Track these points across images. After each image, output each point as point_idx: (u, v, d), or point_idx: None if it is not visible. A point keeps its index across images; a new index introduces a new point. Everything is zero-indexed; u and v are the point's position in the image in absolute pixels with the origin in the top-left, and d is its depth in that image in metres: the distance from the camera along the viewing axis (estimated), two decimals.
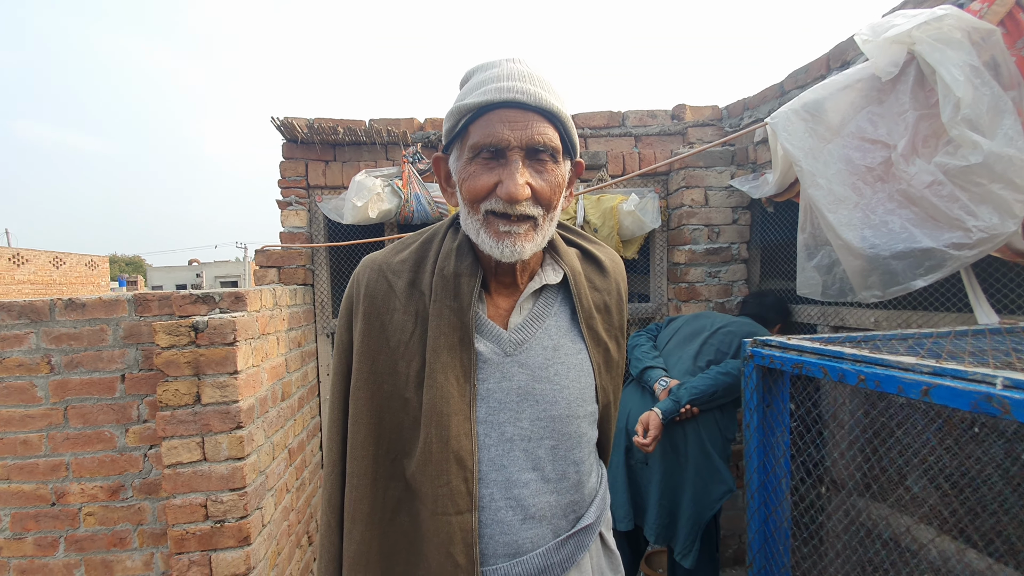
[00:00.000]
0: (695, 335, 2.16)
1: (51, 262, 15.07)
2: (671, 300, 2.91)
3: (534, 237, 0.76)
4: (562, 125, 0.75)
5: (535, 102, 0.71)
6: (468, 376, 0.78)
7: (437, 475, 0.75)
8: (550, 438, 0.80)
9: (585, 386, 0.84)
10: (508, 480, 0.78)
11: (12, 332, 1.88)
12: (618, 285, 0.94)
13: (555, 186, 0.76)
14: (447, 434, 0.75)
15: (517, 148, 0.72)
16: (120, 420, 1.91)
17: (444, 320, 0.78)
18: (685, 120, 2.87)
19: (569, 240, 0.94)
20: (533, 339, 0.82)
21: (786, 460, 0.93)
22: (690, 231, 2.69)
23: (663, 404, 1.87)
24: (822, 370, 0.80)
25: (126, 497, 1.92)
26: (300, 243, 2.61)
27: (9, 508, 1.87)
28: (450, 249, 0.83)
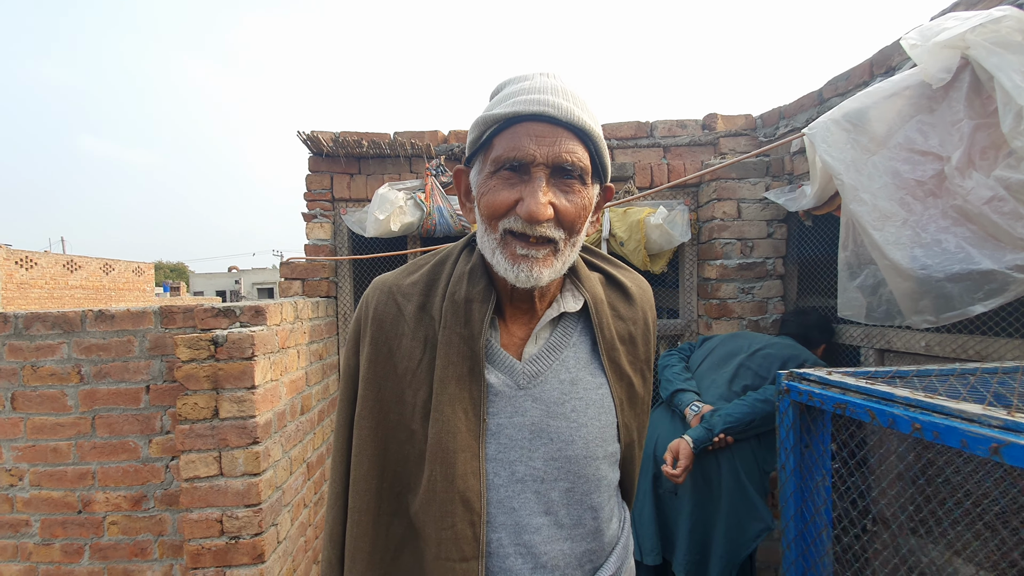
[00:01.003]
0: (730, 357, 2.04)
1: (101, 268, 15.85)
2: (701, 316, 2.79)
3: (553, 263, 0.70)
4: (594, 145, 0.69)
5: (566, 117, 0.66)
6: (477, 410, 0.72)
7: (441, 517, 0.70)
8: (565, 480, 0.74)
9: (606, 424, 0.77)
10: (518, 524, 0.72)
11: (46, 342, 1.93)
12: (645, 314, 0.86)
13: (580, 209, 0.70)
14: (453, 472, 0.70)
15: (543, 165, 0.67)
16: (144, 431, 1.94)
17: (453, 348, 0.73)
18: (717, 130, 2.77)
19: (592, 264, 0.87)
20: (549, 371, 0.76)
21: (827, 509, 0.84)
22: (722, 245, 2.58)
23: (695, 432, 1.76)
24: (869, 413, 0.71)
25: (148, 507, 1.93)
26: (324, 255, 2.62)
27: (39, 514, 1.91)
28: (463, 272, 0.77)
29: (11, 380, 1.90)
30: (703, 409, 1.85)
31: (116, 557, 1.92)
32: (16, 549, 1.89)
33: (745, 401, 1.80)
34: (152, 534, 1.92)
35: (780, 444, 0.92)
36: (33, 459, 1.90)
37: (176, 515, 1.92)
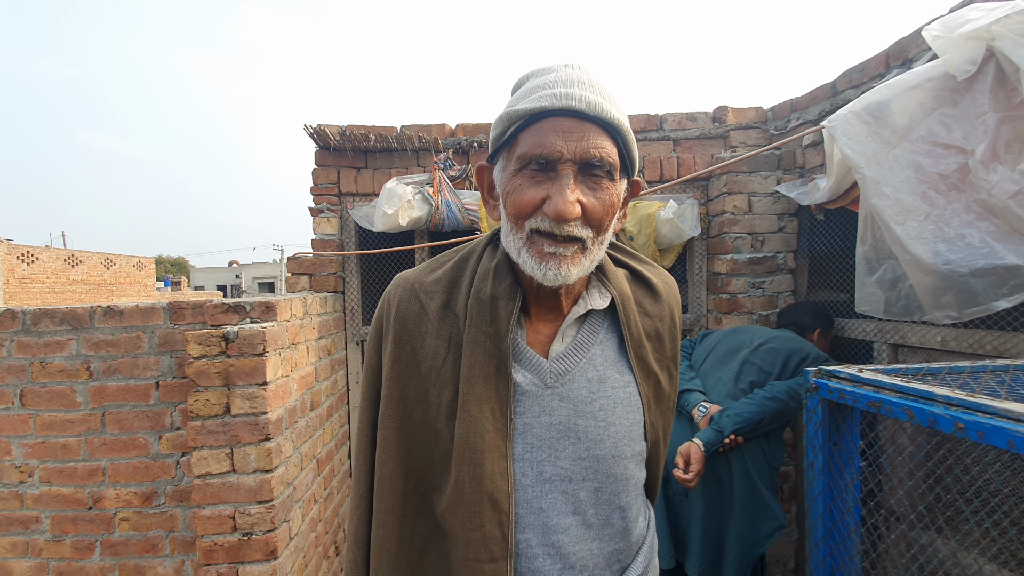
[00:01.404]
0: (734, 353, 2.02)
1: (103, 263, 15.83)
2: (711, 311, 2.78)
3: (581, 261, 0.69)
4: (622, 139, 0.67)
5: (594, 112, 0.64)
6: (504, 409, 0.71)
7: (469, 517, 0.69)
8: (593, 480, 0.73)
9: (633, 423, 0.76)
10: (546, 525, 0.71)
11: (55, 338, 1.92)
12: (672, 311, 0.85)
13: (608, 206, 0.68)
14: (480, 473, 0.69)
15: (570, 161, 0.64)
16: (154, 427, 1.93)
17: (479, 347, 0.72)
18: (727, 123, 2.74)
19: (618, 260, 0.86)
20: (576, 370, 0.75)
21: (857, 508, 0.83)
22: (732, 239, 2.56)
23: (704, 434, 1.74)
24: (907, 412, 0.70)
25: (159, 504, 1.93)
26: (331, 250, 2.61)
27: (50, 510, 1.91)
28: (488, 269, 0.76)
29: (20, 376, 1.89)
30: (711, 410, 1.83)
31: (127, 553, 1.92)
32: (27, 546, 1.89)
33: (753, 400, 1.78)
34: (163, 530, 1.92)
35: (808, 442, 0.91)
36: (43, 456, 1.90)
37: (187, 511, 1.91)
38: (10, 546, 1.88)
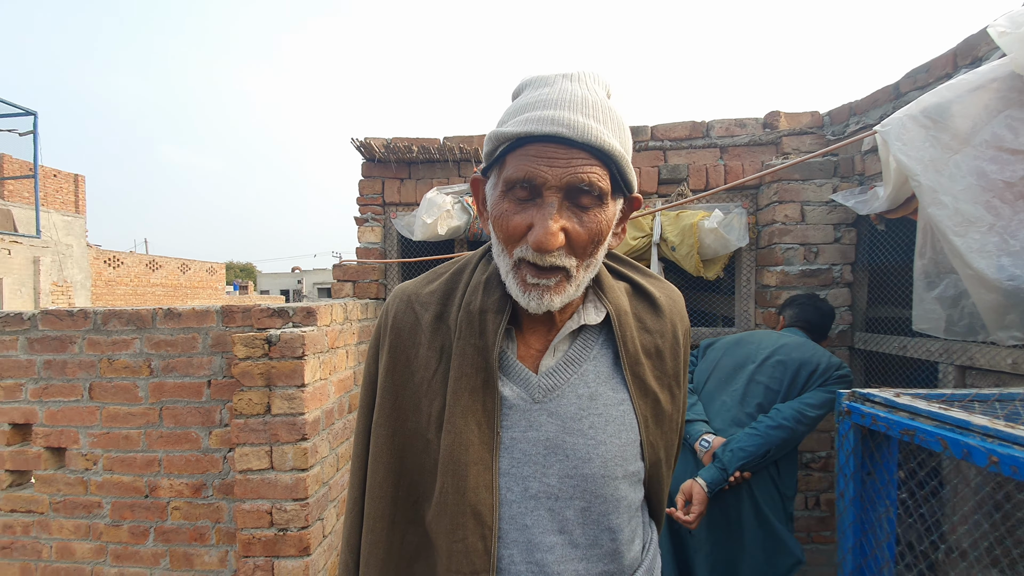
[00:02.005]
0: (738, 369, 1.84)
1: (179, 268, 17.09)
2: (759, 325, 2.65)
3: (566, 289, 0.68)
4: (615, 165, 0.64)
5: (582, 138, 0.61)
6: (491, 422, 0.70)
7: (452, 529, 0.69)
8: (580, 499, 0.71)
9: (627, 442, 0.73)
10: (530, 542, 0.70)
11: (121, 337, 2.08)
12: (674, 326, 0.81)
13: (596, 233, 0.66)
14: (464, 485, 0.69)
15: (555, 188, 0.62)
16: (205, 423, 2.05)
17: (467, 360, 0.71)
18: (779, 128, 2.62)
19: (618, 272, 0.83)
20: (566, 385, 0.73)
21: (890, 544, 0.75)
22: (783, 250, 2.44)
23: (708, 473, 1.62)
24: (940, 442, 0.63)
25: (207, 496, 2.04)
26: (374, 258, 2.69)
27: (110, 497, 2.06)
28: (479, 282, 0.76)
29: (89, 371, 2.06)
30: (714, 443, 1.69)
31: (178, 540, 2.04)
32: (88, 529, 2.05)
33: (757, 431, 1.64)
34: (210, 521, 2.03)
35: (839, 469, 0.84)
36: (107, 445, 2.05)
37: (231, 504, 2.01)
38: (74, 528, 2.05)
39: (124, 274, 14.95)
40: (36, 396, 2.08)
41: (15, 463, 2.09)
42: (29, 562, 2.09)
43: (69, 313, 2.09)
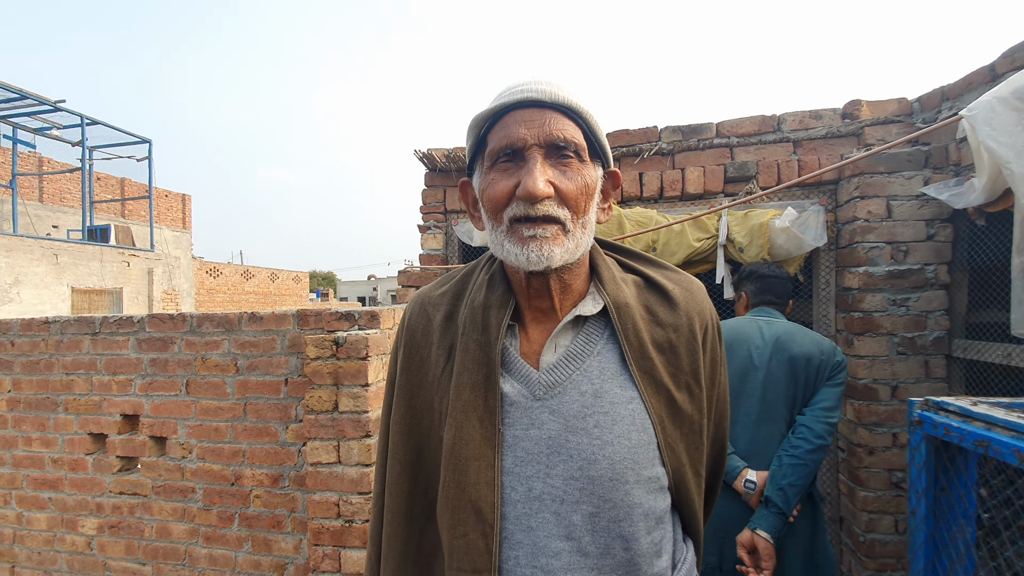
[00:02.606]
0: (742, 379, 1.69)
1: (269, 277, 18.52)
2: (840, 331, 2.46)
3: (564, 242, 0.68)
4: (585, 123, 0.69)
5: (551, 98, 0.67)
6: (492, 418, 0.70)
7: (453, 524, 0.69)
8: (588, 503, 0.68)
9: (639, 444, 0.70)
10: (535, 545, 0.68)
11: (213, 338, 2.29)
12: (691, 321, 0.76)
13: (581, 186, 0.69)
14: (464, 480, 0.69)
15: (535, 146, 0.67)
16: (282, 418, 2.20)
17: (469, 355, 0.72)
18: (860, 118, 2.43)
19: (628, 266, 0.81)
20: (568, 382, 0.71)
21: (968, 566, 0.66)
22: (866, 250, 2.25)
23: (766, 522, 1.50)
24: (1017, 455, 0.55)
25: (284, 486, 2.19)
26: (436, 264, 2.78)
27: (202, 483, 2.26)
28: (483, 280, 0.78)
29: (186, 369, 2.29)
30: (760, 483, 1.58)
31: (258, 527, 2.20)
32: (184, 511, 2.26)
33: (799, 459, 1.53)
34: (286, 510, 2.17)
35: (911, 484, 0.76)
36: (200, 436, 2.26)
37: (305, 495, 2.15)
38: (172, 511, 2.27)
39: (223, 283, 16.43)
40: (143, 390, 2.34)
41: (125, 450, 2.35)
42: (133, 540, 2.34)
43: (170, 316, 2.33)
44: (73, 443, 2.42)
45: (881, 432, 2.21)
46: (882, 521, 2.19)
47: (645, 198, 2.70)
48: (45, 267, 9.53)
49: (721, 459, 0.87)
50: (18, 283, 9.04)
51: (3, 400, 2.52)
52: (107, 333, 2.38)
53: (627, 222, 2.57)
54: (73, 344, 2.42)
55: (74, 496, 2.42)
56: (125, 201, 14.92)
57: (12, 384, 2.51)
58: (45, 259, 9.57)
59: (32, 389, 2.48)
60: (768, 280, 1.90)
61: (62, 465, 2.43)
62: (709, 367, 0.79)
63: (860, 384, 2.25)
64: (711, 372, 0.79)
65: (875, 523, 2.20)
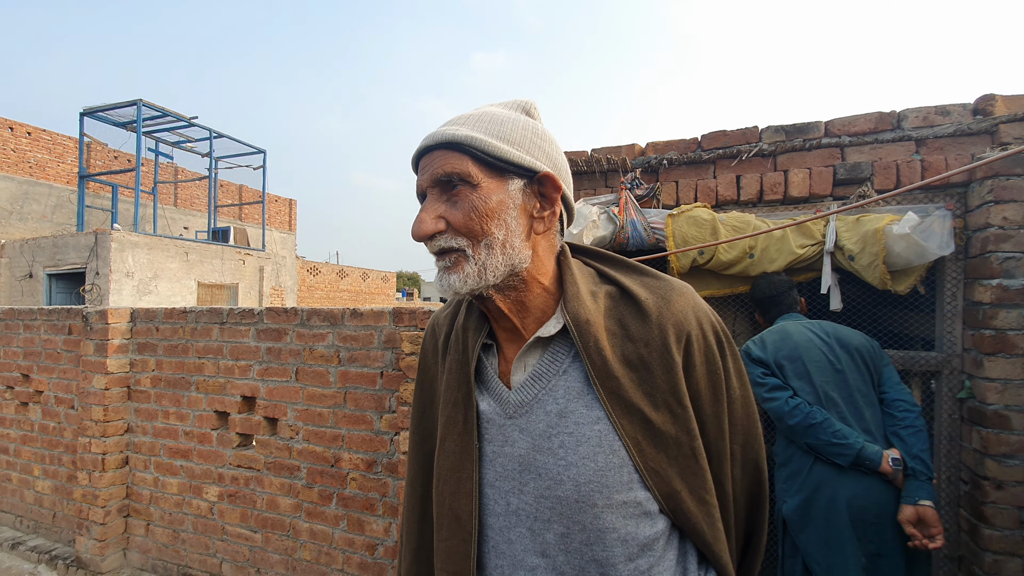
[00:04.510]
0: (826, 381, 1.81)
1: (361, 276, 19.77)
2: (968, 351, 2.20)
3: (464, 268, 0.70)
4: (471, 148, 0.69)
5: (436, 141, 0.71)
6: (470, 434, 0.74)
7: (439, 527, 0.75)
8: (559, 523, 0.68)
9: (607, 466, 0.67)
10: (515, 558, 0.71)
11: (320, 331, 2.50)
12: (663, 333, 0.70)
13: (469, 210, 0.69)
14: (446, 489, 0.74)
15: (429, 187, 0.72)
16: (377, 408, 2.35)
17: (452, 374, 0.77)
18: (995, 115, 2.17)
19: (605, 275, 0.77)
20: (535, 402, 0.72)
21: None
22: (1000, 260, 2.01)
23: (925, 491, 1.64)
24: None
25: (376, 471, 2.34)
26: None
27: (306, 463, 2.47)
28: (468, 303, 0.82)
29: (296, 358, 2.52)
30: (893, 456, 1.70)
31: (353, 507, 2.37)
32: (290, 487, 2.48)
33: (916, 426, 1.71)
34: (378, 494, 2.32)
35: None
36: (306, 420, 2.47)
37: (395, 481, 2.28)
38: (280, 486, 2.50)
39: (321, 281, 17.78)
40: (260, 375, 2.60)
41: (243, 427, 2.63)
42: (247, 509, 2.60)
43: (284, 310, 2.58)
44: (202, 419, 2.74)
45: (1012, 465, 1.95)
46: (1009, 564, 1.93)
47: (743, 202, 2.58)
48: (178, 263, 10.85)
49: (759, 483, 0.80)
50: (156, 277, 10.36)
51: (148, 378, 2.91)
52: (232, 323, 2.67)
53: (721, 227, 2.47)
54: (204, 332, 2.74)
55: (201, 465, 2.74)
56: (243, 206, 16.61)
57: (156, 364, 2.89)
58: (178, 256, 10.89)
59: (171, 369, 2.84)
60: (785, 296, 2.10)
61: (192, 437, 2.76)
62: (706, 382, 0.72)
63: (989, 410, 2.00)
64: (710, 387, 0.73)
65: (1000, 565, 1.94)
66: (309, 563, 2.43)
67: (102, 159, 13.38)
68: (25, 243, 10.65)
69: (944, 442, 2.23)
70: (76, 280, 10.24)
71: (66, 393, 3.20)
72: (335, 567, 2.38)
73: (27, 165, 11.94)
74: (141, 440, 2.93)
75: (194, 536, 2.75)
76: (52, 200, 12.36)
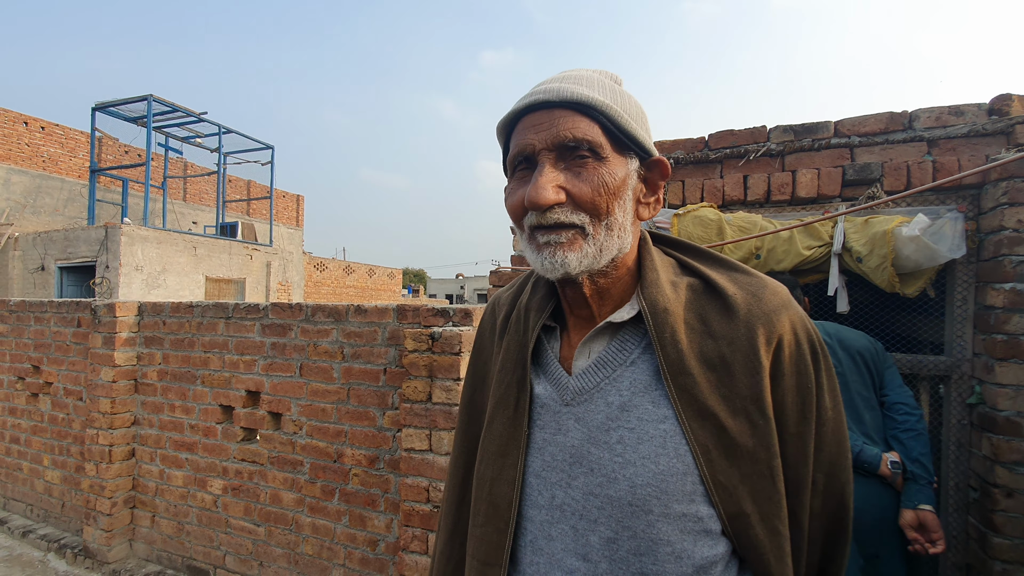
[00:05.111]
0: None
1: (367, 272, 19.82)
2: (979, 355, 2.17)
3: (582, 246, 0.63)
4: (604, 116, 0.63)
5: (558, 97, 0.63)
6: (521, 419, 0.70)
7: (475, 514, 0.72)
8: (607, 526, 0.62)
9: (669, 472, 0.61)
10: (552, 557, 0.65)
11: (324, 327, 2.50)
12: (751, 332, 0.64)
13: (599, 185, 0.62)
14: (488, 473, 0.71)
15: (544, 150, 0.63)
16: (380, 404, 2.36)
17: (509, 355, 0.73)
18: (1011, 115, 2.13)
19: (688, 266, 0.72)
20: (595, 390, 0.67)
21: None
22: (1014, 264, 1.97)
23: (924, 495, 1.62)
24: None
25: (379, 467, 2.34)
26: (526, 265, 2.83)
27: (310, 458, 2.48)
28: (532, 282, 0.78)
29: (300, 353, 2.52)
30: (893, 460, 1.69)
31: (356, 503, 2.37)
32: (293, 482, 2.50)
33: (916, 429, 1.70)
34: (380, 490, 2.32)
35: None
36: (310, 415, 2.48)
37: (398, 478, 2.28)
38: (283, 480, 2.51)
39: (327, 277, 17.86)
40: (264, 370, 2.61)
41: (247, 422, 2.64)
42: (250, 503, 2.62)
43: (289, 305, 2.59)
44: (207, 412, 2.76)
45: None
46: (1019, 574, 1.91)
47: (749, 202, 2.55)
48: (186, 258, 10.93)
49: (840, 523, 0.71)
50: (165, 271, 10.45)
51: (155, 371, 2.93)
52: (238, 318, 2.69)
53: (728, 227, 2.45)
54: (210, 326, 2.76)
55: (205, 459, 2.76)
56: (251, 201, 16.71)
57: (162, 358, 2.91)
58: (186, 251, 10.97)
59: (177, 363, 2.86)
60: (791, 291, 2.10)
61: (197, 431, 2.78)
62: (794, 395, 0.65)
63: (1000, 416, 1.97)
64: (798, 402, 0.65)
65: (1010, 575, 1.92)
66: (311, 558, 2.45)
67: (113, 154, 13.51)
68: (38, 236, 10.78)
69: (952, 447, 2.20)
70: (87, 273, 10.36)
71: (75, 385, 3.24)
72: (337, 562, 2.39)
73: (41, 159, 12.08)
74: (147, 432, 2.95)
75: (198, 528, 2.77)
76: (64, 194, 12.50)
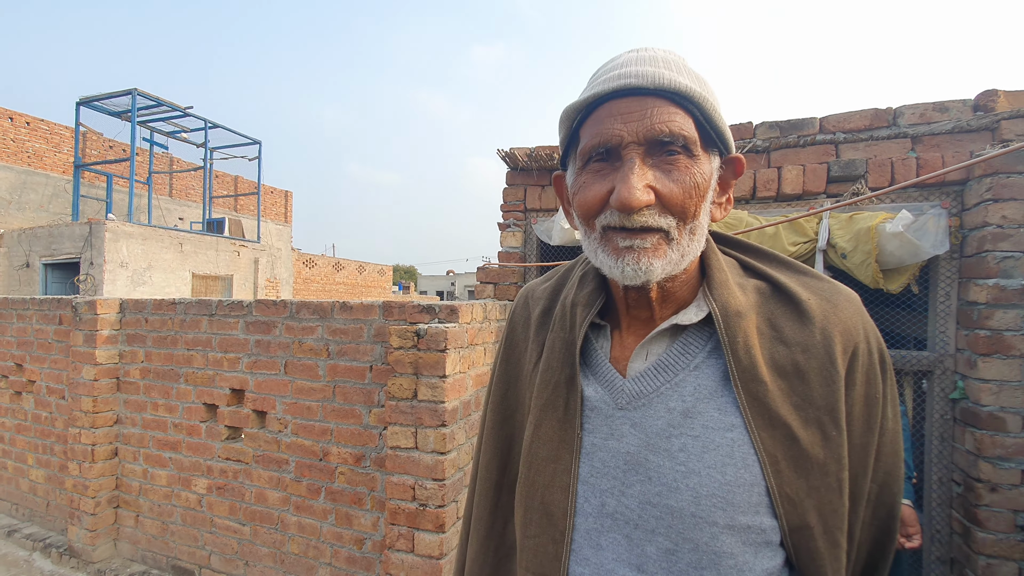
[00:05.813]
0: None
1: (357, 269, 19.69)
2: (961, 351, 2.19)
3: (667, 253, 0.58)
4: (698, 109, 0.57)
5: (654, 84, 0.56)
6: (571, 421, 0.65)
7: (525, 524, 0.66)
8: (665, 536, 0.59)
9: (733, 481, 0.58)
10: (602, 567, 0.61)
11: (308, 324, 2.48)
12: (828, 340, 0.60)
13: (690, 187, 0.57)
14: (538, 479, 0.66)
15: (633, 144, 0.56)
16: (366, 402, 2.34)
17: (555, 353, 0.69)
18: (996, 111, 2.15)
19: (753, 268, 0.68)
20: (655, 394, 0.63)
21: None
22: (998, 260, 1.99)
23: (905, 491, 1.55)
24: None
25: (365, 466, 2.32)
26: (514, 262, 2.81)
27: (295, 456, 2.46)
28: (578, 277, 0.73)
29: (285, 351, 2.49)
30: None
31: (342, 501, 2.35)
32: (278, 480, 2.47)
33: None
34: (366, 488, 2.31)
35: None
36: (295, 413, 2.46)
37: (384, 476, 2.27)
38: (268, 479, 2.49)
39: (317, 273, 17.72)
40: (249, 368, 2.58)
41: (231, 420, 2.61)
42: (235, 502, 2.59)
43: (273, 302, 2.55)
44: (191, 411, 2.72)
45: (1007, 467, 1.94)
46: (1003, 568, 1.93)
47: (735, 198, 2.56)
48: (172, 254, 10.79)
49: (888, 534, 0.69)
50: (151, 268, 10.31)
51: (137, 369, 2.89)
52: (221, 315, 2.65)
53: None
54: (194, 323, 2.72)
55: (189, 458, 2.72)
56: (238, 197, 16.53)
57: (145, 355, 2.87)
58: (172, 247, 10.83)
59: (160, 361, 2.82)
60: None
61: (181, 429, 2.75)
62: (862, 405, 0.62)
63: (984, 412, 1.99)
64: (865, 412, 0.62)
65: (994, 570, 1.94)
66: (297, 556, 2.43)
67: (98, 149, 13.29)
68: (22, 233, 10.59)
69: (935, 442, 2.23)
70: (72, 270, 10.20)
71: (57, 383, 3.18)
72: (323, 561, 2.37)
73: (25, 155, 11.86)
74: (130, 432, 2.91)
75: (183, 528, 2.74)
76: (49, 190, 12.29)
